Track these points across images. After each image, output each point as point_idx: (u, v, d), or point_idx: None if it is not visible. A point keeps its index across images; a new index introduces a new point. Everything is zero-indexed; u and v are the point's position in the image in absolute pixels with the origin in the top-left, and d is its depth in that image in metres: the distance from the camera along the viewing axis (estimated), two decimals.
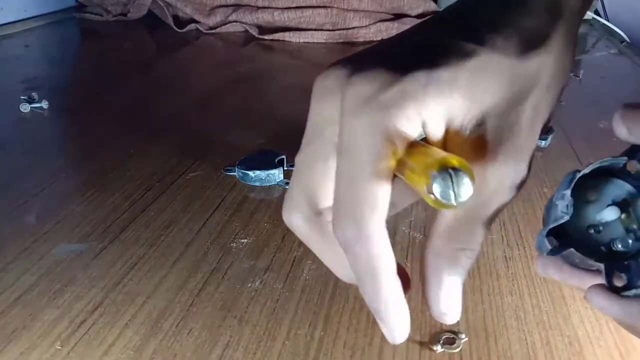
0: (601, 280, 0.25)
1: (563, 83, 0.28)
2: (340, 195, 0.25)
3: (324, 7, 1.43)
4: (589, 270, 0.27)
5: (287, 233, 0.55)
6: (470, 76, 0.24)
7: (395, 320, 0.27)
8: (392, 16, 1.49)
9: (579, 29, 0.30)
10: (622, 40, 1.40)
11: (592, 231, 0.27)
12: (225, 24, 1.45)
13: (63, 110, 0.90)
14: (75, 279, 0.48)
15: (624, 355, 0.41)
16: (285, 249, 0.52)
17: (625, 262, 0.25)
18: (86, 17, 1.57)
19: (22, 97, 0.89)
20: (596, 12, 1.60)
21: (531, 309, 0.45)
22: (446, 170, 0.20)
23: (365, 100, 0.23)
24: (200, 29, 1.45)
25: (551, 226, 0.26)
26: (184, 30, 1.44)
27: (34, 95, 0.90)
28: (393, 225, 0.56)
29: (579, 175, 0.26)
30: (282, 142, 0.75)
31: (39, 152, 0.73)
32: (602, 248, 0.27)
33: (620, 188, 0.27)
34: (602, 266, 0.25)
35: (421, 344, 0.41)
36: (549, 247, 0.26)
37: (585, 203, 0.27)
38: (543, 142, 0.75)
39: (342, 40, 1.39)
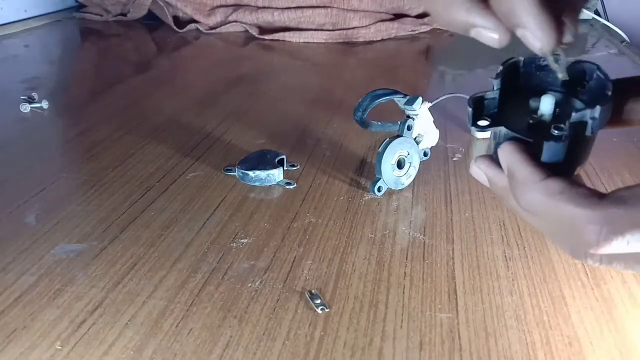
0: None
1: None
2: None
3: (324, 7, 1.44)
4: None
5: (287, 233, 0.55)
6: None
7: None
8: (392, 16, 1.49)
9: None
10: (622, 40, 1.40)
11: (527, 117, 0.28)
12: (225, 24, 1.45)
13: (63, 110, 0.90)
14: (75, 279, 0.48)
15: (624, 355, 0.41)
16: (285, 249, 0.52)
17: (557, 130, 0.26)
18: (86, 17, 1.57)
19: (22, 97, 0.89)
20: (596, 12, 1.60)
21: (531, 309, 0.45)
22: None
23: None
24: (200, 29, 1.45)
25: (478, 95, 0.28)
26: (184, 30, 1.44)
27: (34, 95, 0.90)
28: (393, 225, 0.56)
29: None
30: (282, 142, 0.76)
31: (39, 152, 0.73)
32: (530, 120, 0.27)
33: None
34: (529, 140, 0.26)
35: (420, 344, 0.41)
36: (481, 124, 0.28)
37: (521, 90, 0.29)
38: None
39: (342, 40, 1.39)
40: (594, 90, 0.27)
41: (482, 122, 0.28)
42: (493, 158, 0.28)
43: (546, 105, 0.27)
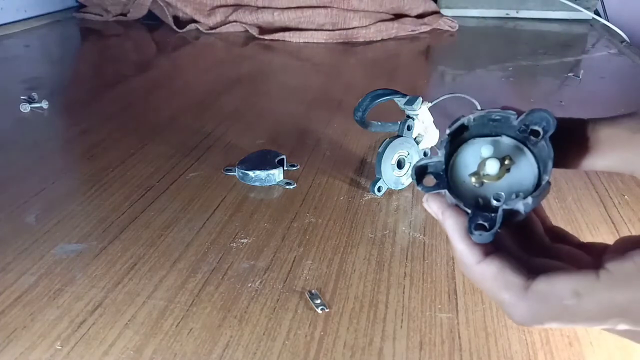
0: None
1: None
2: None
3: (324, 7, 1.44)
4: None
5: (287, 233, 0.55)
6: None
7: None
8: (392, 16, 1.49)
9: None
10: (622, 40, 1.40)
11: (472, 179, 0.27)
12: (225, 24, 1.45)
13: (63, 110, 0.90)
14: (75, 279, 0.48)
15: (624, 355, 0.41)
16: (285, 249, 0.52)
17: (491, 214, 0.26)
18: (86, 17, 1.57)
19: (22, 97, 0.89)
20: (596, 12, 1.60)
21: None
22: None
23: None
24: (200, 29, 1.45)
25: (422, 163, 0.28)
26: (184, 30, 1.44)
27: (34, 95, 0.90)
28: (393, 225, 0.56)
29: (463, 120, 0.27)
30: (282, 142, 0.76)
31: (39, 152, 0.73)
32: (479, 199, 0.27)
33: (504, 144, 0.27)
34: (469, 211, 0.26)
35: (421, 344, 0.41)
36: (426, 184, 0.28)
37: (467, 151, 0.28)
38: None
39: (342, 40, 1.39)
40: (542, 150, 0.26)
41: (428, 183, 0.28)
42: (442, 196, 0.28)
43: (491, 168, 0.26)
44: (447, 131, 0.27)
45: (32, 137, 0.78)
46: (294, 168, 0.68)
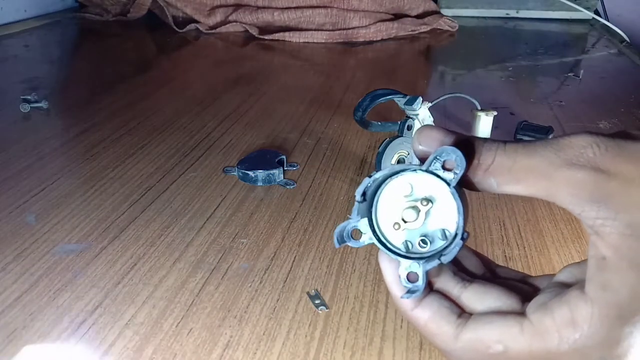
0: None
1: None
2: None
3: (324, 7, 1.44)
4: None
5: (287, 233, 0.55)
6: None
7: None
8: (392, 16, 1.49)
9: None
10: (622, 40, 1.40)
11: (395, 227, 0.27)
12: (225, 24, 1.46)
13: (63, 110, 0.90)
14: (75, 279, 0.48)
15: None
16: (285, 249, 0.52)
17: (418, 262, 0.26)
18: (86, 17, 1.57)
19: (22, 97, 0.89)
20: (596, 12, 1.60)
21: None
22: None
23: None
24: (200, 29, 1.45)
25: (339, 228, 0.28)
26: (184, 30, 1.44)
27: (34, 95, 0.90)
28: None
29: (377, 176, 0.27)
30: (282, 142, 0.76)
31: (39, 152, 0.73)
32: (408, 242, 0.27)
33: (419, 181, 0.26)
34: (399, 261, 0.27)
35: (421, 344, 0.41)
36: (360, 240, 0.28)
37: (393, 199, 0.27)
38: None
39: (342, 40, 1.39)
40: (458, 191, 0.26)
41: (357, 237, 0.28)
42: None
43: (410, 217, 0.26)
44: (357, 197, 0.27)
45: (32, 137, 0.78)
46: (294, 168, 0.68)
